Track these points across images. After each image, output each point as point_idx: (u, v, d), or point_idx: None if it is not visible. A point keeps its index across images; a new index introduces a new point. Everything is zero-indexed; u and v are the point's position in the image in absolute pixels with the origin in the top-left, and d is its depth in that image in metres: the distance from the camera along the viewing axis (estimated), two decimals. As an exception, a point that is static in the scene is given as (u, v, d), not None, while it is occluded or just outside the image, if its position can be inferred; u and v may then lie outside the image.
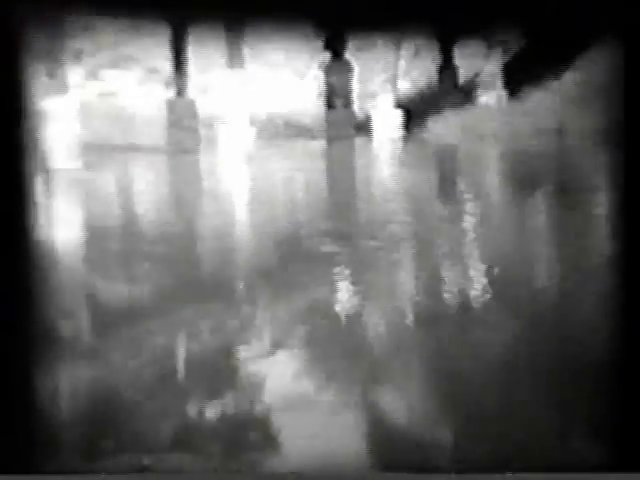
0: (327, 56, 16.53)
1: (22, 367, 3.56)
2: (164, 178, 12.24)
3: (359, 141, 15.79)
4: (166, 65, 14.83)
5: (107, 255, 7.08)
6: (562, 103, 15.30)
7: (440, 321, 5.00)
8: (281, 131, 15.51)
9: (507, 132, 15.02)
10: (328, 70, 16.49)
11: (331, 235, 7.52)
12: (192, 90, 14.69)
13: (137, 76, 15.35)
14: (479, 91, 16.72)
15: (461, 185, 11.76)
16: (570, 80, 15.74)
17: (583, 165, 12.44)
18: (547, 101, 15.63)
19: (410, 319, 5.22)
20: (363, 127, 16.04)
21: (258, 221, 9.08)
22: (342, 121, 16.29)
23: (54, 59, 10.75)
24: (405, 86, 17.01)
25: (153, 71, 15.42)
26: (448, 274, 6.42)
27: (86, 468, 3.14)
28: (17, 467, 2.87)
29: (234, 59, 14.07)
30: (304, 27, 16.63)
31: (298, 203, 10.43)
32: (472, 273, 6.23)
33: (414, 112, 16.29)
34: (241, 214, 9.87)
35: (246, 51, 14.43)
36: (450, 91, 17.12)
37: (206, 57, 15.11)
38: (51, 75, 10.80)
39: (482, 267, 6.40)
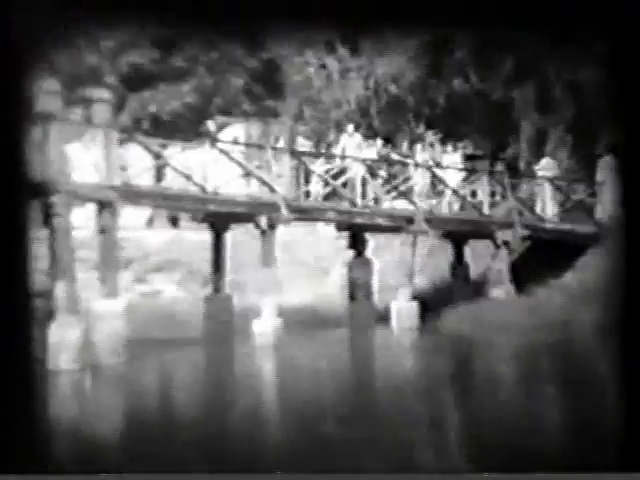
0: (350, 254, 17.30)
1: None
2: (200, 367, 12.56)
3: (379, 330, 16.09)
4: (205, 266, 15.71)
5: (146, 442, 7.28)
6: (566, 299, 15.67)
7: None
8: (307, 321, 15.99)
9: (516, 324, 15.26)
10: (351, 266, 17.16)
11: (350, 419, 7.70)
12: (228, 286, 15.37)
13: (178, 277, 16.29)
14: (489, 286, 17.19)
15: (473, 371, 11.93)
16: (571, 279, 16.24)
17: (587, 355, 12.59)
18: (552, 297, 16.03)
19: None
20: (383, 317, 16.38)
21: (285, 403, 9.31)
22: (363, 312, 16.70)
23: (107, 267, 11.56)
24: (421, 280, 17.60)
25: (193, 272, 16.36)
26: (459, 456, 6.50)
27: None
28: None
29: (267, 259, 14.75)
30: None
31: (322, 386, 10.61)
32: (481, 457, 6.32)
33: (430, 304, 16.68)
34: (270, 397, 10.13)
35: (278, 251, 15.15)
36: (462, 285, 17.66)
37: (241, 257, 16.01)
38: (103, 280, 11.56)
39: (494, 452, 6.46)
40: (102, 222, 11.69)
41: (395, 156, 17.90)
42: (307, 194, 16.09)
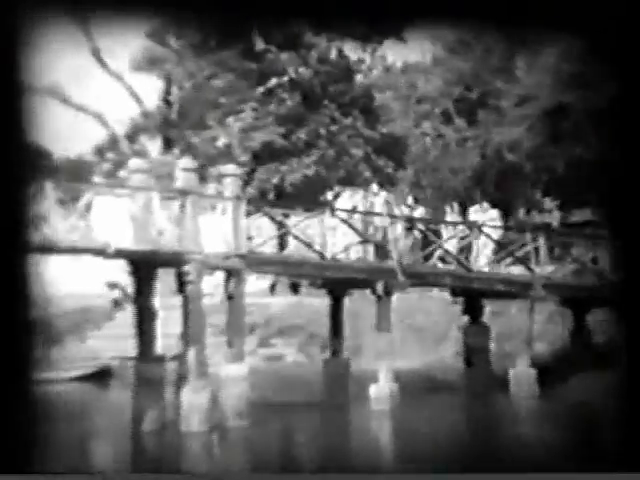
0: (465, 319, 17.21)
1: None
2: (319, 430, 12.80)
3: (497, 396, 15.81)
4: (324, 331, 16.08)
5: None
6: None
7: None
8: (423, 386, 15.96)
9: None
10: (467, 332, 17.04)
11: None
12: (346, 350, 15.64)
13: (299, 341, 16.72)
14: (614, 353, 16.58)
15: (595, 440, 11.59)
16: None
17: None
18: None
19: None
20: (501, 384, 16.11)
21: (402, 468, 9.43)
22: (480, 378, 16.47)
23: (234, 332, 12.12)
24: (540, 347, 17.21)
25: (313, 336, 16.75)
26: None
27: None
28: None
29: (383, 324, 14.95)
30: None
31: (439, 452, 10.64)
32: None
33: (549, 371, 16.26)
34: (386, 461, 10.26)
35: (393, 316, 15.33)
36: (584, 353, 17.10)
37: (358, 322, 16.30)
38: (230, 345, 12.11)
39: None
40: (230, 289, 12.32)
41: (512, 222, 17.84)
42: (424, 259, 16.24)
